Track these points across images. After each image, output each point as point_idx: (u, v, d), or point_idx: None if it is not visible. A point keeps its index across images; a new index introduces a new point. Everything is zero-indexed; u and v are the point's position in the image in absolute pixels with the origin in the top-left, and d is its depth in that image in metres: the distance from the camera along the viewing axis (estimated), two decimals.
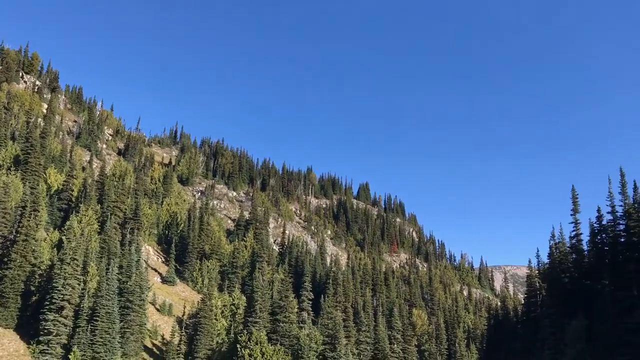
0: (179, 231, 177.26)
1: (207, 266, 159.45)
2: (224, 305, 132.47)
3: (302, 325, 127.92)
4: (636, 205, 76.42)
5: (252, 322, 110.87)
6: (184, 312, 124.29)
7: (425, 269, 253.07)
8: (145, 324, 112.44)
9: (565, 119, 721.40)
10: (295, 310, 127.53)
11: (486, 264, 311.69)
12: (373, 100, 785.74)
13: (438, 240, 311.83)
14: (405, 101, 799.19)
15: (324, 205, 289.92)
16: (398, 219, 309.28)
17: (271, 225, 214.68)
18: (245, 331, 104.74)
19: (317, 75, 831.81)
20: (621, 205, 76.83)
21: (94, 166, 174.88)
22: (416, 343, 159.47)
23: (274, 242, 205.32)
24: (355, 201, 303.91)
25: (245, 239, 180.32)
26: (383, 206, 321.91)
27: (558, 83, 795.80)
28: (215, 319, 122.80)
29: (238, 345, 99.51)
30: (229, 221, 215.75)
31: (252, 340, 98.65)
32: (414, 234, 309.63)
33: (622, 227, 77.13)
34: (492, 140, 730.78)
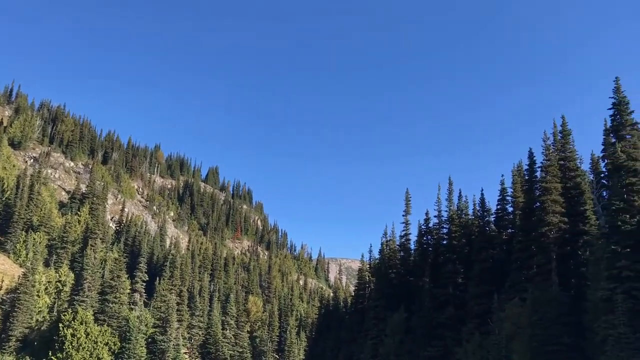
0: (4, 198, 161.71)
1: (34, 239, 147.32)
2: (48, 282, 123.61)
3: (133, 306, 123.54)
4: (459, 211, 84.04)
5: (78, 301, 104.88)
6: (1, 287, 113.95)
7: (266, 257, 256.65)
8: None
9: (418, 128, 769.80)
10: (128, 291, 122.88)
11: (324, 255, 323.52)
12: (234, 87, 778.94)
13: (281, 230, 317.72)
14: (267, 94, 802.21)
15: (169, 186, 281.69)
16: (245, 206, 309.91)
17: (109, 202, 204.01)
18: (70, 310, 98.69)
19: (179, 53, 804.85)
20: (446, 211, 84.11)
21: None
22: (249, 329, 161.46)
23: (111, 220, 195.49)
24: (203, 184, 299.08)
25: (79, 213, 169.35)
26: (231, 192, 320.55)
27: (404, 96, 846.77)
28: (38, 296, 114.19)
29: (60, 325, 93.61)
30: (64, 193, 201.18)
31: (77, 320, 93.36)
32: (259, 222, 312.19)
33: (445, 230, 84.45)
34: (347, 141, 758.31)
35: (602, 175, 61.09)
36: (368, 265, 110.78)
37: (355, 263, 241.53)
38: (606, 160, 55.50)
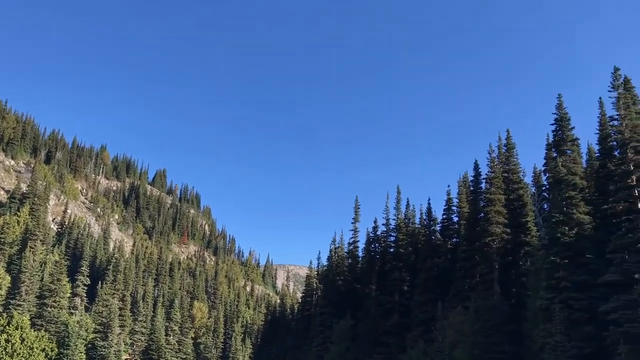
0: None
1: None
2: None
3: (73, 311, 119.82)
4: (406, 220, 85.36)
5: (15, 305, 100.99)
6: None
7: (212, 263, 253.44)
8: None
9: (370, 138, 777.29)
10: (68, 295, 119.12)
11: (272, 262, 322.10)
12: (184, 90, 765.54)
13: (229, 235, 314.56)
14: (218, 99, 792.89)
15: (114, 188, 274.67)
16: (192, 210, 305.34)
17: (52, 202, 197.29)
18: (4, 314, 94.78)
19: (129, 53, 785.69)
20: (394, 219, 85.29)
21: None
22: (193, 335, 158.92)
23: (53, 221, 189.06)
24: (149, 187, 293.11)
25: (19, 213, 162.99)
26: (178, 196, 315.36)
27: (355, 106, 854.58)
28: None
29: None
30: (2, 192, 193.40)
31: (12, 325, 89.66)
32: (206, 226, 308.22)
33: (393, 238, 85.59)
34: (298, 149, 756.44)
35: (544, 188, 63.36)
36: (316, 272, 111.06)
37: (304, 270, 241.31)
38: (547, 174, 57.61)
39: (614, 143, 49.03)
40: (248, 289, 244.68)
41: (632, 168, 45.23)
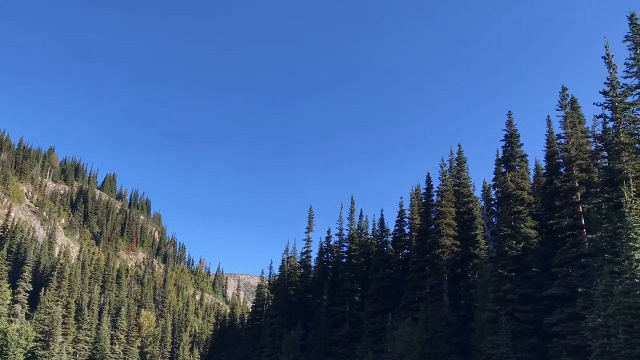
0: None
1: None
2: None
3: (13, 318, 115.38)
4: (359, 231, 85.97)
5: None
6: None
7: (162, 270, 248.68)
8: None
9: (325, 151, 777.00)
10: (8, 302, 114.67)
11: (223, 270, 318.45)
12: (136, 96, 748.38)
13: (180, 243, 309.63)
14: (171, 105, 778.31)
15: (62, 191, 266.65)
16: (142, 216, 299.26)
17: None
18: None
19: (78, 55, 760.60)
20: (348, 230, 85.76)
21: None
22: (140, 345, 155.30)
23: None
24: (98, 192, 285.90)
25: None
26: (128, 201, 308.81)
27: (313, 120, 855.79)
28: None
29: None
30: None
31: None
32: (156, 233, 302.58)
33: (345, 248, 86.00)
34: (253, 159, 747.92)
35: (493, 202, 64.90)
36: (267, 282, 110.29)
37: (255, 279, 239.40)
38: (496, 189, 59.08)
39: (561, 160, 50.71)
40: (197, 297, 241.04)
41: (577, 185, 46.94)
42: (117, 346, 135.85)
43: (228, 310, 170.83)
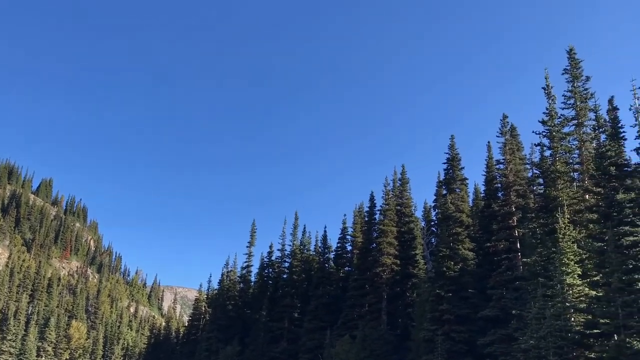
0: None
1: None
2: None
3: None
4: (302, 247, 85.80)
5: None
6: None
7: (96, 280, 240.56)
8: None
9: (271, 166, 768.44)
10: None
11: (160, 283, 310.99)
12: (75, 100, 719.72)
13: (116, 253, 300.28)
14: (116, 111, 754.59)
15: None
16: (78, 224, 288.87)
17: None
18: None
19: (17, 53, 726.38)
20: (290, 245, 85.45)
21: None
22: (68, 357, 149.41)
23: None
24: (33, 196, 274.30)
25: None
26: (64, 207, 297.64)
27: (253, 135, 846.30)
28: None
29: None
30: None
31: None
32: (91, 242, 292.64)
33: (287, 264, 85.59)
34: (196, 175, 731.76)
35: (433, 223, 66.25)
36: (206, 296, 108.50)
37: (193, 292, 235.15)
38: (437, 210, 60.34)
39: (499, 185, 52.32)
40: (132, 309, 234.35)
41: (513, 210, 48.45)
42: (43, 358, 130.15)
43: (163, 324, 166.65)
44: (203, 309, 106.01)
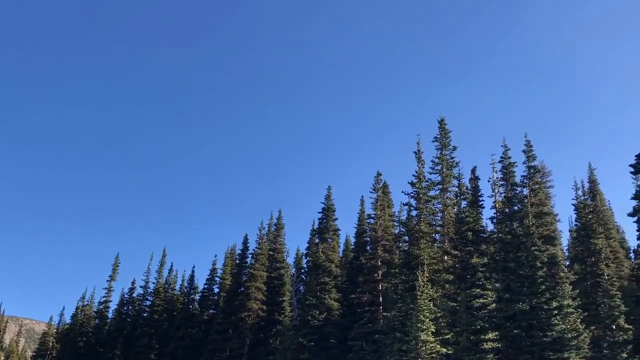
0: None
1: None
2: None
3: None
4: (166, 285, 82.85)
5: None
6: None
7: None
8: None
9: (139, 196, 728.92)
10: None
11: (4, 312, 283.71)
12: None
13: None
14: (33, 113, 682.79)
15: None
16: None
17: None
18: None
19: None
20: (154, 283, 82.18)
21: None
22: None
23: None
24: None
25: None
26: None
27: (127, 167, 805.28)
28: None
29: None
30: None
31: None
32: None
33: (149, 302, 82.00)
34: (60, 199, 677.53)
35: (303, 270, 67.02)
36: (55, 330, 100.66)
37: (41, 325, 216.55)
38: (308, 258, 61.30)
39: (368, 239, 54.38)
40: None
41: (379, 264, 50.44)
42: None
43: (2, 358, 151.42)
44: (51, 344, 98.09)
